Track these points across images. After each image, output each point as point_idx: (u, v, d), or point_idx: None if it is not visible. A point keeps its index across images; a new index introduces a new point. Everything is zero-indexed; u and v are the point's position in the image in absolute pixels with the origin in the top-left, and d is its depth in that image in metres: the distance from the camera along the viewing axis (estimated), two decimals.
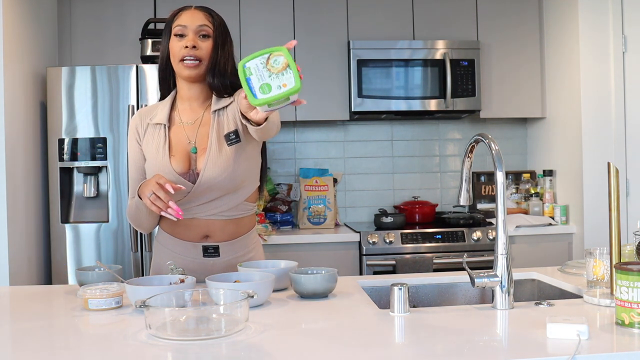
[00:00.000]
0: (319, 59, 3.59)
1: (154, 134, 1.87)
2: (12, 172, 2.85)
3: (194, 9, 1.87)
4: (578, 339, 1.19)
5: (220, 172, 1.79)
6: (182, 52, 1.81)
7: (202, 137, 1.85)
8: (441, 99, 3.55)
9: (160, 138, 1.85)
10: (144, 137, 1.89)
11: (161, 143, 1.84)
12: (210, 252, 1.88)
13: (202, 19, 1.84)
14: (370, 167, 3.97)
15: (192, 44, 1.80)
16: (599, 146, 3.32)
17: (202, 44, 1.82)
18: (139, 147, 1.90)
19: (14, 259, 2.84)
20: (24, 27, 3.06)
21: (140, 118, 1.92)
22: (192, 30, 1.82)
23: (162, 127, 1.86)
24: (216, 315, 1.33)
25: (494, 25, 3.72)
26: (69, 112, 3.10)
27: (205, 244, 1.87)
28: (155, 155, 1.84)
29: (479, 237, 3.32)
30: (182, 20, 1.84)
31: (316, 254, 3.25)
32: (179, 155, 1.83)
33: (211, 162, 1.79)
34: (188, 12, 1.85)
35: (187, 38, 1.81)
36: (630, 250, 1.64)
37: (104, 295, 1.54)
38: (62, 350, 1.27)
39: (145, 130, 1.89)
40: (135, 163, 1.91)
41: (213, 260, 1.88)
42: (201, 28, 1.82)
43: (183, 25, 1.83)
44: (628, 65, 3.30)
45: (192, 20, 1.83)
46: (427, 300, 1.87)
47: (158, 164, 1.82)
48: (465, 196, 1.67)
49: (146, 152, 1.88)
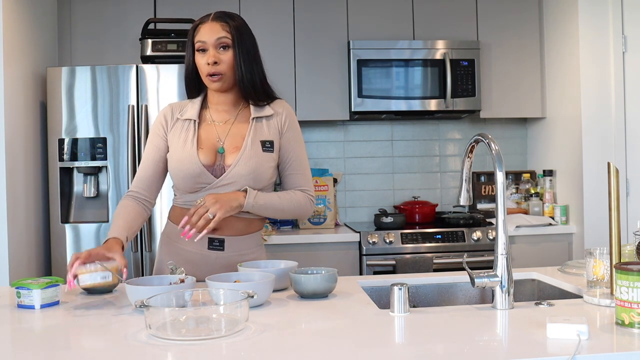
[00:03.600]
0: (319, 59, 3.59)
1: (182, 128, 1.93)
2: (12, 172, 2.85)
3: (211, 20, 1.89)
4: (578, 339, 1.19)
5: (249, 171, 1.86)
6: (206, 69, 1.88)
7: (234, 137, 1.91)
8: (441, 99, 3.55)
9: (189, 132, 1.91)
10: (172, 129, 1.95)
11: (190, 136, 1.90)
12: (215, 244, 1.90)
13: (219, 30, 1.87)
14: (370, 167, 3.98)
15: (212, 60, 1.86)
16: (599, 146, 3.32)
17: (223, 57, 1.87)
18: (164, 136, 1.95)
19: (14, 258, 2.84)
20: (24, 27, 3.06)
21: (172, 109, 1.98)
22: (211, 45, 1.87)
23: (192, 122, 1.93)
24: (216, 315, 1.34)
25: (494, 25, 3.72)
26: (69, 112, 3.10)
27: (212, 236, 1.90)
28: (183, 146, 1.89)
29: (479, 237, 3.32)
30: (202, 35, 1.88)
31: (316, 254, 3.25)
32: (206, 149, 1.90)
33: (243, 160, 1.86)
34: (206, 26, 1.88)
35: (208, 54, 1.87)
36: (630, 250, 1.64)
37: (91, 270, 1.57)
38: (62, 350, 1.27)
39: (174, 123, 1.95)
40: (152, 150, 1.95)
41: (217, 254, 1.91)
42: (220, 41, 1.87)
43: (203, 41, 1.87)
44: (628, 65, 3.30)
45: (210, 34, 1.87)
46: (427, 300, 1.87)
47: (185, 153, 1.88)
48: (465, 196, 1.68)
49: (171, 143, 1.93)
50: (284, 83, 3.52)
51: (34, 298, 1.58)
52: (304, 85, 3.57)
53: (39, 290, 1.58)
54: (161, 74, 3.13)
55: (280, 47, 3.56)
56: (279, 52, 3.55)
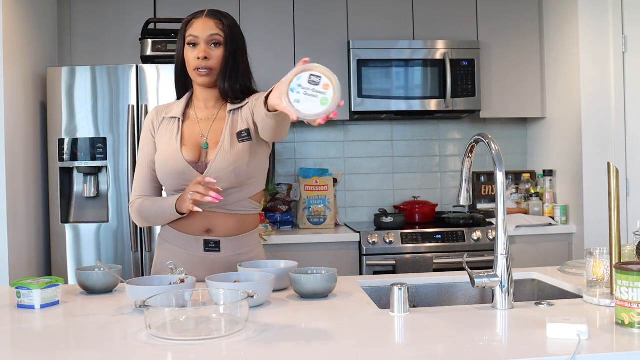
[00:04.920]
0: (319, 59, 3.54)
1: (168, 126, 1.95)
2: (12, 172, 2.85)
3: (205, 16, 1.91)
4: (578, 339, 1.19)
5: (228, 164, 1.85)
6: (195, 63, 1.88)
7: (215, 132, 1.91)
8: (441, 99, 3.55)
9: (173, 129, 1.93)
10: (159, 129, 1.97)
11: (174, 133, 1.92)
12: (211, 246, 1.90)
13: (213, 27, 1.89)
14: (370, 167, 3.98)
15: (203, 55, 1.87)
16: (599, 146, 3.32)
17: (214, 53, 1.89)
18: (152, 140, 1.97)
19: (14, 259, 2.84)
20: (24, 27, 3.06)
21: (157, 112, 2.01)
22: (203, 40, 1.88)
23: (176, 120, 1.95)
24: (216, 315, 1.34)
25: (494, 25, 3.72)
26: (69, 112, 3.10)
27: (207, 238, 1.90)
28: (168, 144, 1.91)
29: (479, 237, 3.32)
30: (194, 29, 1.89)
31: (316, 254, 3.25)
32: (190, 145, 1.90)
33: (222, 154, 1.86)
34: (200, 21, 1.90)
35: (199, 48, 1.88)
36: (630, 250, 1.64)
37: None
38: (62, 351, 1.27)
39: (160, 124, 1.97)
40: (145, 155, 1.97)
41: (214, 256, 1.90)
42: (212, 37, 1.88)
43: (195, 36, 1.89)
44: (628, 65, 3.30)
45: (203, 29, 1.88)
46: (427, 300, 1.87)
47: (170, 150, 1.89)
48: (465, 196, 1.68)
49: (159, 143, 1.94)
50: None
51: (34, 298, 1.58)
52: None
53: (39, 290, 1.58)
54: (161, 74, 3.14)
55: (280, 47, 3.56)
56: (279, 52, 3.55)
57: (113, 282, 1.76)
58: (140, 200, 1.94)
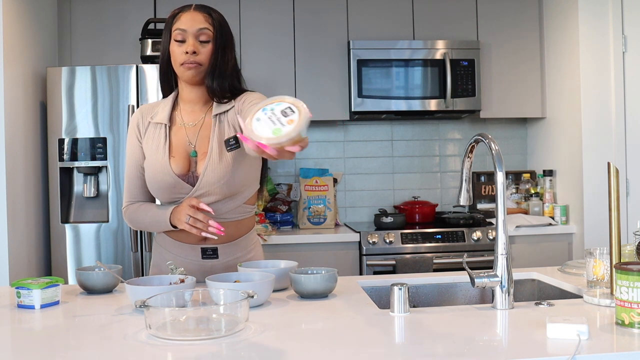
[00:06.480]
0: (319, 59, 3.59)
1: (154, 133, 1.87)
2: (12, 172, 2.85)
3: (193, 10, 1.84)
4: (578, 339, 1.18)
5: (219, 178, 1.79)
6: (182, 58, 1.80)
7: (203, 140, 1.85)
8: (441, 99, 3.55)
9: (160, 137, 1.85)
10: (145, 135, 1.89)
11: (161, 143, 1.84)
12: (209, 254, 1.87)
13: (201, 21, 1.82)
14: (370, 167, 3.98)
15: (192, 49, 1.79)
16: (599, 146, 3.32)
17: (202, 49, 1.81)
18: (139, 145, 1.90)
19: (14, 259, 2.84)
20: (24, 27, 3.06)
21: (142, 115, 1.91)
22: (191, 35, 1.80)
23: (162, 126, 1.86)
24: (216, 315, 1.34)
25: (494, 25, 3.72)
26: (69, 112, 3.10)
27: (204, 246, 1.87)
28: (155, 154, 1.84)
29: (479, 237, 3.32)
30: (182, 23, 1.82)
31: (316, 254, 3.25)
32: (178, 156, 1.84)
33: (211, 167, 1.79)
34: (187, 15, 1.83)
35: (187, 43, 1.80)
36: (630, 250, 1.64)
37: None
38: (62, 351, 1.27)
39: (146, 129, 1.89)
40: (134, 161, 1.90)
41: (212, 262, 1.88)
42: (201, 32, 1.81)
43: (183, 30, 1.81)
44: (628, 65, 3.30)
45: (191, 23, 1.81)
46: (427, 300, 1.87)
47: (157, 164, 1.83)
48: (465, 196, 1.67)
49: (146, 150, 1.88)
50: (284, 83, 3.52)
51: (34, 298, 1.58)
52: (304, 85, 3.57)
53: (39, 290, 1.58)
54: None
55: (280, 47, 3.56)
56: (279, 52, 3.55)
57: (113, 282, 1.76)
58: (134, 207, 1.89)
